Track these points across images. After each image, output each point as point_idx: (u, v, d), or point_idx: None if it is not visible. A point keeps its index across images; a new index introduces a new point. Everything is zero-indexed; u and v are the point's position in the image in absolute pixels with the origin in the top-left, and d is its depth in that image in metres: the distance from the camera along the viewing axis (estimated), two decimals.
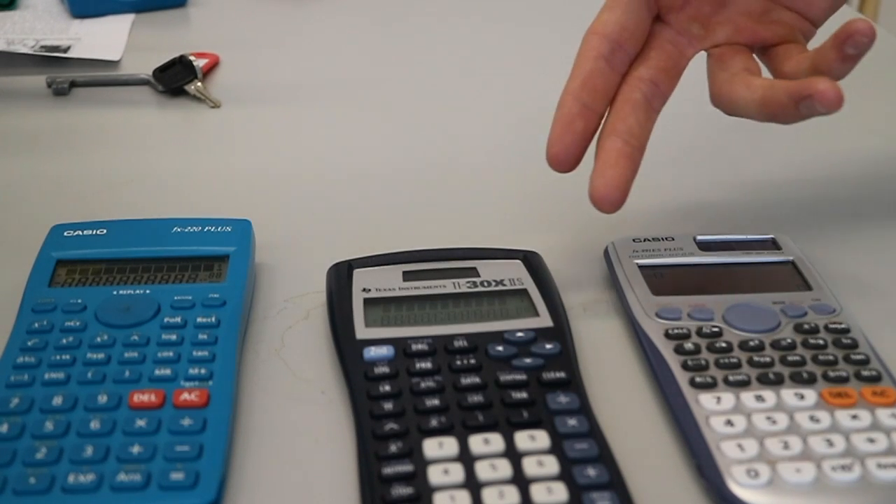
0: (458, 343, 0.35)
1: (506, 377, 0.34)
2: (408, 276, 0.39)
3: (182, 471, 0.30)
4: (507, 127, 0.57)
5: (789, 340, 0.36)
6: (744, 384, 0.34)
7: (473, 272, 0.39)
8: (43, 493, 0.30)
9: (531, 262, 0.40)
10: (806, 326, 0.36)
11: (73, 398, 0.33)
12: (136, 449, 0.31)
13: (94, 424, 0.32)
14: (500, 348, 0.35)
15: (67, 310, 0.37)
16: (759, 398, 0.33)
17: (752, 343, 0.36)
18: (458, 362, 0.35)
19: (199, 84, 0.59)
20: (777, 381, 0.34)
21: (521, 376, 0.34)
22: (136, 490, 0.30)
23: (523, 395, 0.33)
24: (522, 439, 0.32)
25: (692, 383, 0.34)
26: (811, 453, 0.31)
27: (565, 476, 0.30)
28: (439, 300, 0.38)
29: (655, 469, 0.33)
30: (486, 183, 0.51)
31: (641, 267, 0.40)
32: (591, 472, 0.30)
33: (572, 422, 0.32)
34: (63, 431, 0.32)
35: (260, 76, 0.63)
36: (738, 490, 0.30)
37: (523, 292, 0.38)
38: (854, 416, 0.32)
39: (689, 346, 0.36)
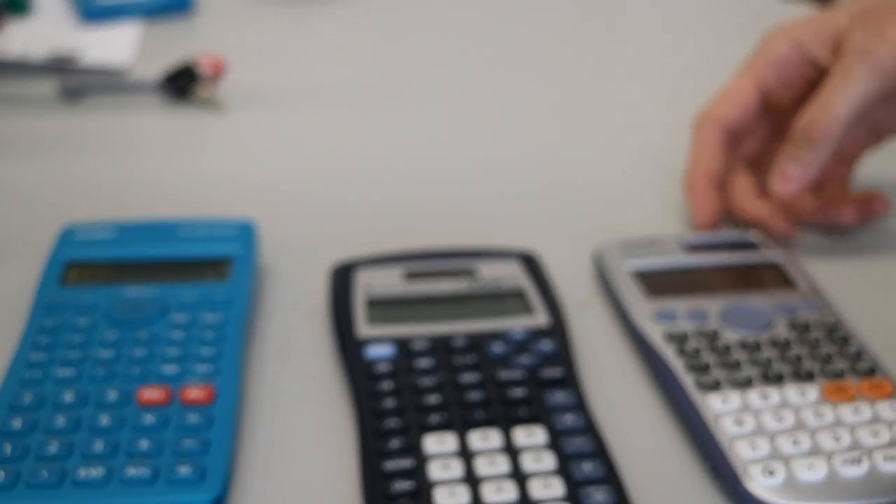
0: (458, 342, 0.36)
1: (504, 375, 0.35)
2: (408, 276, 0.40)
3: (189, 465, 0.31)
4: (506, 128, 0.57)
5: (784, 338, 0.36)
6: (747, 383, 0.34)
7: (473, 272, 0.40)
8: (55, 487, 0.30)
9: (529, 262, 0.41)
10: (798, 324, 0.37)
11: (83, 395, 0.33)
12: (144, 444, 0.31)
13: (104, 420, 0.32)
14: (498, 347, 0.36)
15: (78, 309, 0.37)
16: (764, 396, 0.33)
17: (749, 342, 0.36)
18: (458, 361, 0.35)
19: (205, 89, 0.60)
20: (778, 379, 0.34)
21: (519, 374, 0.35)
22: (144, 484, 0.30)
23: (521, 392, 0.34)
24: (520, 435, 0.32)
25: (698, 385, 0.34)
26: (820, 449, 0.32)
27: (562, 471, 0.31)
28: (439, 300, 0.38)
29: (652, 463, 0.33)
30: (485, 184, 0.51)
31: (634, 270, 0.40)
32: (588, 467, 0.31)
33: (569, 418, 0.33)
34: (74, 427, 0.32)
35: (267, 82, 0.63)
36: (756, 489, 0.30)
37: (521, 292, 0.39)
38: (855, 410, 0.33)
39: (690, 347, 0.36)
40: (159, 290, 0.38)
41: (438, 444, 0.32)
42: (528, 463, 0.31)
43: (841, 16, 0.43)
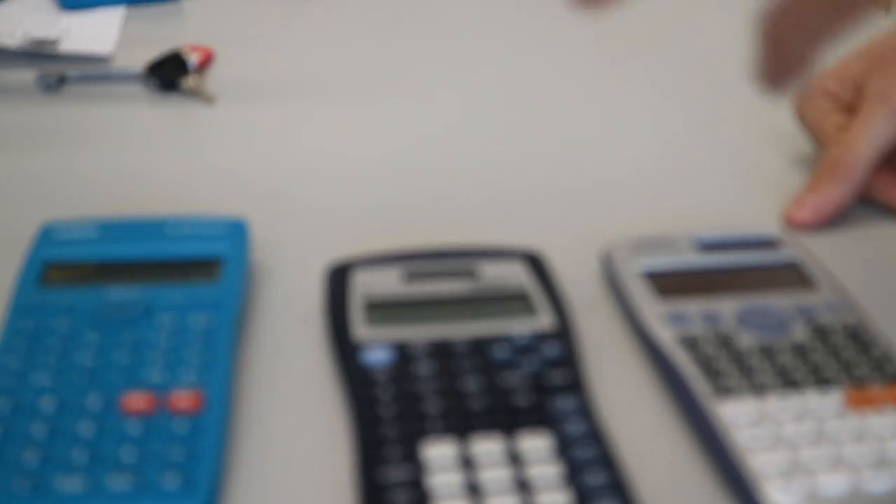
0: (459, 346, 0.35)
1: (508, 380, 0.34)
2: (407, 277, 0.39)
3: (175, 477, 0.30)
4: (508, 126, 0.57)
5: (805, 342, 0.35)
6: (766, 390, 0.33)
7: (475, 273, 0.39)
8: (32, 501, 0.29)
9: (534, 262, 0.40)
10: (818, 327, 0.36)
11: (63, 402, 0.32)
12: (128, 454, 0.31)
13: (85, 429, 0.32)
14: (501, 351, 0.35)
15: (58, 311, 0.36)
16: (782, 404, 0.33)
17: (766, 346, 0.35)
18: (459, 365, 0.34)
19: (193, 79, 0.59)
20: (797, 385, 0.33)
21: (524, 379, 0.34)
22: (128, 497, 0.30)
23: (526, 398, 0.33)
24: (525, 444, 0.31)
25: (711, 391, 0.33)
26: (843, 460, 0.31)
27: (569, 481, 0.30)
28: (440, 302, 0.37)
29: (664, 473, 0.32)
30: (487, 181, 0.50)
31: (644, 271, 0.39)
32: (596, 476, 0.30)
33: (576, 425, 0.32)
34: (53, 437, 0.31)
35: (256, 72, 0.63)
36: (774, 502, 0.29)
37: (526, 293, 0.38)
38: (880, 419, 0.32)
39: (703, 351, 0.35)
40: (144, 291, 0.37)
41: (438, 452, 0.31)
42: (533, 472, 0.30)
43: (857, 62, 0.47)
